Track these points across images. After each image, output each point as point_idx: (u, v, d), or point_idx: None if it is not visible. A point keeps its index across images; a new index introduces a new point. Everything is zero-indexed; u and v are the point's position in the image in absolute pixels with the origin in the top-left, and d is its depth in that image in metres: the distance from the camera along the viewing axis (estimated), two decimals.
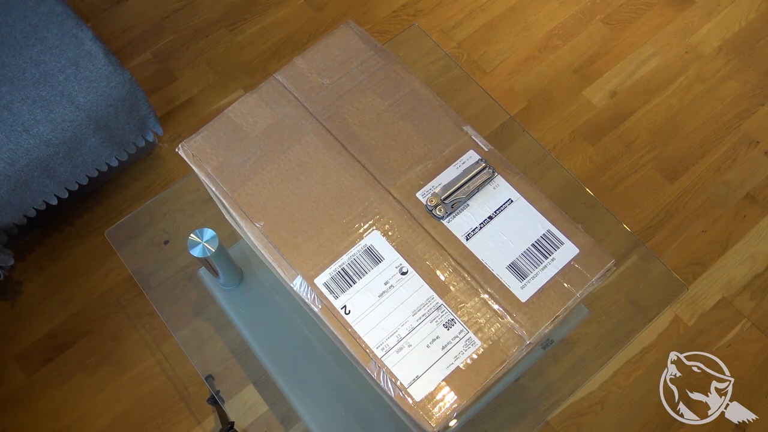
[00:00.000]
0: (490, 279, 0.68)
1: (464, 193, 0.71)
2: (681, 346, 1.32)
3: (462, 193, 0.71)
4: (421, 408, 0.64)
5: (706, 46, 1.63)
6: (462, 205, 0.71)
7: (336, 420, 0.93)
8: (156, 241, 1.08)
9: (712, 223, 1.43)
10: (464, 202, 0.71)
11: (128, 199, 1.47)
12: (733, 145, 1.50)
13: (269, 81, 0.79)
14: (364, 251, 0.70)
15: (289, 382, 0.94)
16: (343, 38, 0.81)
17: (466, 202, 0.71)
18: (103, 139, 1.28)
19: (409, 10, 1.69)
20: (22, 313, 1.38)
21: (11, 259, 1.31)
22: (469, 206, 0.71)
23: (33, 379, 1.32)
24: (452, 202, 0.70)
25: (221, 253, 0.88)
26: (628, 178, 1.47)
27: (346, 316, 0.67)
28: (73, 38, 1.27)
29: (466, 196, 0.71)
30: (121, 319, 1.37)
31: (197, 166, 0.76)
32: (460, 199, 0.71)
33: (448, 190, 0.71)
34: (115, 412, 1.30)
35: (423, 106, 0.77)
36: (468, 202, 0.71)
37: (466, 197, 0.71)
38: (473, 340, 0.66)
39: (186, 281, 1.05)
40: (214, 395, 1.01)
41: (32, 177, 1.23)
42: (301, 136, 0.75)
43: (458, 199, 0.71)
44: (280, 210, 0.72)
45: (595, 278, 0.68)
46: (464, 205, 0.71)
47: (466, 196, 0.71)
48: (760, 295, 1.36)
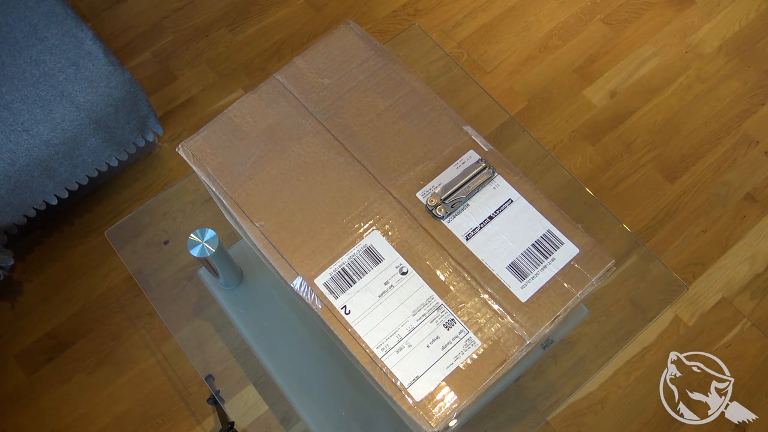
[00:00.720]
0: (490, 279, 0.68)
1: (464, 193, 0.71)
2: (681, 346, 1.32)
3: (462, 193, 0.71)
4: (421, 408, 0.64)
5: (706, 46, 1.63)
6: (462, 205, 0.71)
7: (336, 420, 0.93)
8: (156, 241, 1.08)
9: (712, 223, 1.43)
10: (464, 202, 0.71)
11: (128, 199, 1.47)
12: (733, 145, 1.50)
13: (269, 81, 0.79)
14: (364, 251, 0.70)
15: (289, 382, 0.94)
16: (343, 38, 0.81)
17: (466, 202, 0.71)
18: (103, 139, 1.28)
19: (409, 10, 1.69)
20: (22, 313, 1.38)
21: (11, 259, 1.31)
22: (469, 206, 0.71)
23: (33, 379, 1.32)
24: (452, 202, 0.70)
25: (221, 253, 0.88)
26: (628, 178, 1.47)
27: (346, 316, 0.67)
28: (73, 38, 1.27)
29: (466, 196, 0.71)
30: (121, 319, 1.37)
31: (197, 166, 0.76)
32: (460, 199, 0.71)
33: (448, 190, 0.71)
34: (115, 412, 1.30)
35: (423, 106, 0.77)
36: (468, 202, 0.71)
37: (466, 197, 0.71)
38: (473, 340, 0.66)
39: (186, 281, 1.05)
40: (214, 395, 1.01)
41: (32, 177, 1.23)
42: (301, 136, 0.75)
43: (458, 199, 0.71)
44: (280, 210, 0.72)
45: (595, 278, 0.68)
46: (464, 205, 0.71)
47: (466, 196, 0.71)
48: (760, 295, 1.36)
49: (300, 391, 0.94)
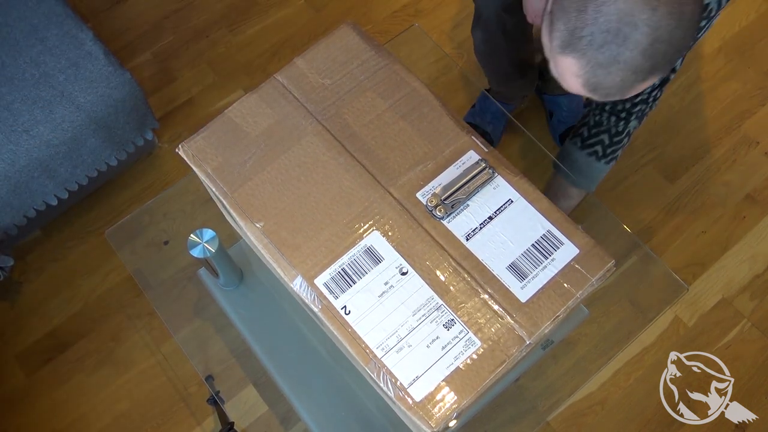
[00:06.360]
0: (490, 279, 0.68)
1: (464, 194, 0.71)
2: (681, 347, 1.32)
3: (462, 194, 0.71)
4: (421, 408, 0.64)
5: (706, 46, 1.63)
6: (462, 205, 0.71)
7: (336, 420, 0.93)
8: (156, 241, 1.08)
9: (712, 223, 1.43)
10: (464, 203, 0.71)
11: (128, 200, 1.47)
12: (733, 146, 1.50)
13: (269, 81, 0.79)
14: (364, 251, 0.70)
15: (289, 382, 0.94)
16: (344, 39, 0.81)
17: (466, 203, 0.71)
18: (103, 139, 1.28)
19: (409, 11, 1.69)
20: (22, 313, 1.38)
21: (11, 259, 1.31)
22: (469, 206, 0.71)
23: (33, 379, 1.32)
24: (452, 203, 0.71)
25: (221, 254, 0.88)
26: (628, 178, 1.47)
27: (346, 316, 0.67)
28: (73, 39, 1.27)
29: (466, 196, 0.71)
30: (121, 319, 1.37)
31: (197, 166, 0.76)
32: (460, 200, 0.71)
33: (448, 191, 0.71)
34: (115, 412, 1.30)
35: (423, 107, 0.77)
36: (468, 203, 0.71)
37: (466, 197, 0.71)
38: (473, 340, 0.66)
39: (186, 281, 1.05)
40: (214, 395, 1.01)
41: (32, 177, 1.23)
42: (301, 137, 0.75)
43: (458, 199, 0.71)
44: (280, 210, 0.72)
45: (595, 278, 0.68)
46: (464, 205, 0.71)
47: (466, 196, 0.71)
48: (760, 295, 1.36)
49: (300, 391, 0.94)
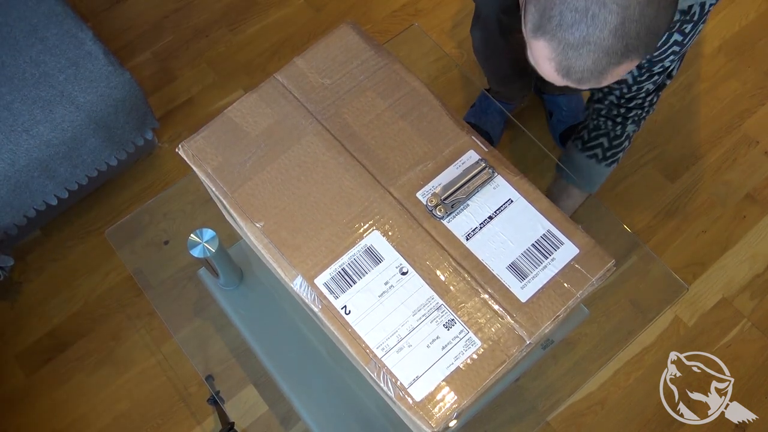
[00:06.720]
0: (490, 279, 0.68)
1: (464, 193, 0.71)
2: (681, 347, 1.32)
3: (462, 193, 0.71)
4: (421, 408, 0.64)
5: (706, 46, 1.63)
6: (462, 205, 0.71)
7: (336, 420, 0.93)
8: (156, 241, 1.08)
9: (712, 223, 1.43)
10: (464, 202, 0.71)
11: (128, 199, 1.47)
12: (733, 145, 1.50)
13: (269, 81, 0.79)
14: (364, 251, 0.70)
15: (289, 382, 0.94)
16: (343, 38, 0.81)
17: (466, 202, 0.71)
18: (103, 139, 1.28)
19: (409, 10, 1.69)
20: (22, 313, 1.38)
21: (11, 259, 1.31)
22: (469, 206, 0.71)
23: (33, 379, 1.32)
24: (452, 202, 0.70)
25: (221, 253, 0.88)
26: (629, 177, 1.47)
27: (347, 316, 0.67)
28: (73, 38, 1.27)
29: (466, 196, 0.71)
30: (121, 319, 1.36)
31: (197, 166, 0.76)
32: (460, 199, 0.71)
33: (448, 190, 0.71)
34: (115, 412, 1.30)
35: (423, 106, 0.77)
36: (468, 202, 0.71)
37: (466, 197, 0.71)
38: (473, 340, 0.66)
39: (186, 281, 1.05)
40: (214, 395, 1.01)
41: (32, 177, 1.23)
42: (301, 136, 0.75)
43: (458, 199, 0.71)
44: (280, 210, 0.72)
45: (595, 278, 0.68)
46: (464, 205, 0.71)
47: (466, 196, 0.71)
48: (760, 295, 1.36)
49: (300, 391, 0.94)
